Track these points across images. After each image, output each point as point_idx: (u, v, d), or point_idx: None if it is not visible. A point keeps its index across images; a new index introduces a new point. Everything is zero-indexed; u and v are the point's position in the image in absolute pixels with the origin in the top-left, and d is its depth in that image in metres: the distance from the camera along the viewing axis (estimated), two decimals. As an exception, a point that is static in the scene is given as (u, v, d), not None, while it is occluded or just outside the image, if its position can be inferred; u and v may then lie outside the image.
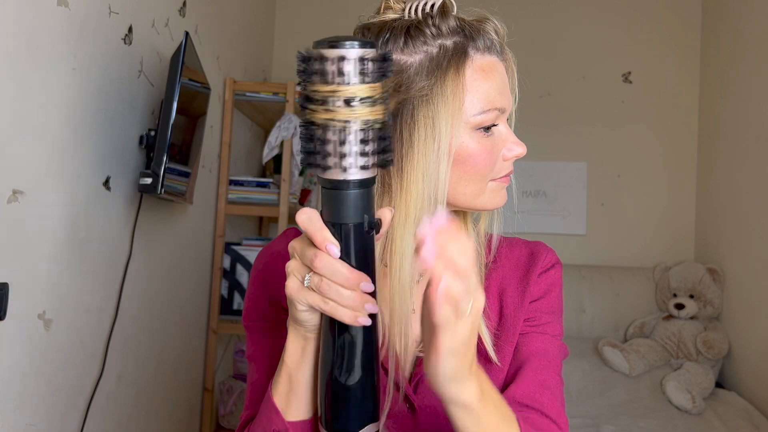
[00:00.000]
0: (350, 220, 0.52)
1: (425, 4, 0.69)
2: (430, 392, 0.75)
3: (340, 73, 0.48)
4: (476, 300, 0.52)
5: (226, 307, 2.45)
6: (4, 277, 1.18)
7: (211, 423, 2.43)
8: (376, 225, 0.54)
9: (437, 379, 0.54)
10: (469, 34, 0.69)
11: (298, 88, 2.34)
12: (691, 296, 2.75)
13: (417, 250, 0.50)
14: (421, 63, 0.67)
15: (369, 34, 0.69)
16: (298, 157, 2.45)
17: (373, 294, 0.55)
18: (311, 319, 0.58)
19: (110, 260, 1.61)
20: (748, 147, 2.58)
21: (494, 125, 0.69)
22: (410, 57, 0.67)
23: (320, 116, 0.49)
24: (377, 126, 0.50)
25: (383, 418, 0.63)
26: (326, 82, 0.49)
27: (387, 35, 0.68)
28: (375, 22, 0.70)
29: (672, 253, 3.09)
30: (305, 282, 0.55)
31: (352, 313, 0.54)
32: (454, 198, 0.71)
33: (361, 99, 0.49)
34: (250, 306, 0.81)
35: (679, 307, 2.72)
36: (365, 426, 0.57)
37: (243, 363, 2.59)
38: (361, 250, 0.54)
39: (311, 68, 0.49)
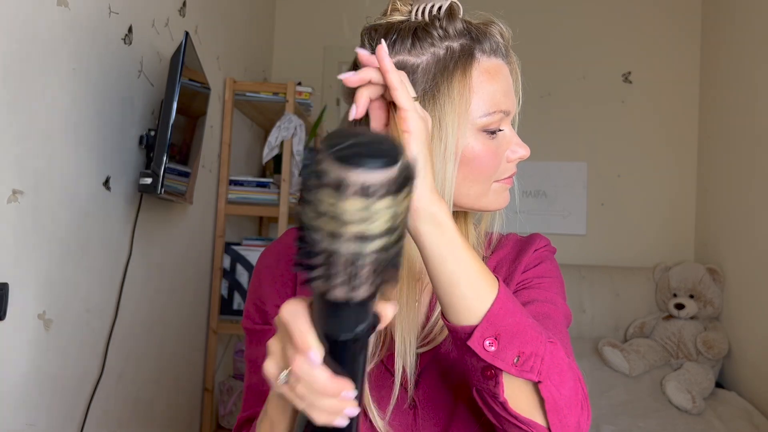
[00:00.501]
0: (341, 335, 0.46)
1: (432, 6, 0.70)
2: (431, 388, 0.75)
3: (359, 196, 0.38)
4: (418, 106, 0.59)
5: (226, 307, 2.45)
6: (4, 277, 1.18)
7: (211, 423, 2.43)
8: (369, 332, 0.48)
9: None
10: (475, 37, 0.70)
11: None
12: (691, 296, 2.75)
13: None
14: (428, 64, 0.68)
15: (376, 36, 0.70)
16: (298, 157, 2.46)
17: (358, 396, 0.50)
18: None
19: (110, 260, 1.61)
20: (748, 147, 2.58)
21: (500, 128, 0.70)
22: (417, 58, 0.68)
23: (325, 239, 0.40)
24: (394, 249, 0.42)
25: (388, 415, 0.62)
26: (337, 219, 0.39)
27: (394, 36, 0.69)
28: (382, 23, 0.71)
29: (672, 253, 3.09)
30: (281, 377, 0.51)
31: (328, 416, 0.49)
32: (458, 198, 0.71)
33: (380, 231, 0.40)
34: (249, 308, 0.80)
35: (679, 307, 2.72)
36: None
37: (243, 363, 2.60)
38: (347, 360, 0.48)
39: (322, 180, 0.39)
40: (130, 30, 1.65)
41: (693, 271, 2.79)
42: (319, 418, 0.49)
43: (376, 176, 0.38)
